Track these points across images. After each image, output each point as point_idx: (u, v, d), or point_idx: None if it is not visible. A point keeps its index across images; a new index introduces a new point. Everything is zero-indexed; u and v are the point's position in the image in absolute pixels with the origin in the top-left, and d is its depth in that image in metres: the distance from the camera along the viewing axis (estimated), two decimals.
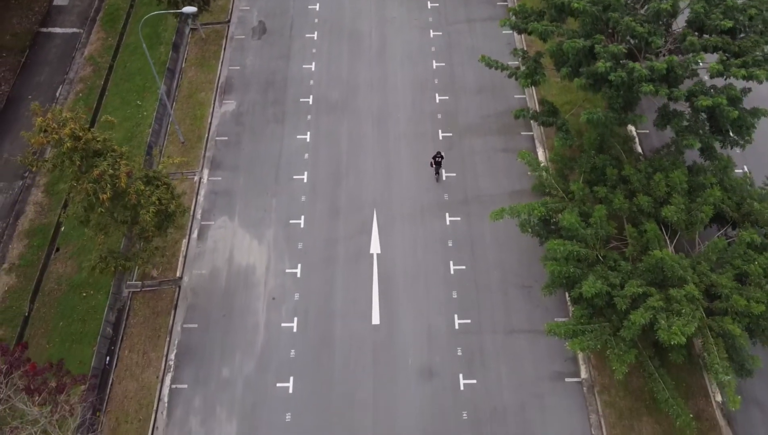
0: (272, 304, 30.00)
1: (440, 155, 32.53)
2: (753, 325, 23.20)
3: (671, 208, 24.69)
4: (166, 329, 29.35)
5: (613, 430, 26.37)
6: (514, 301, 29.89)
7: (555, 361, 28.21)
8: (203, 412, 27.22)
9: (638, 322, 22.53)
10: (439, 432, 26.48)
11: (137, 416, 27.09)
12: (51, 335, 29.65)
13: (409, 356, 28.38)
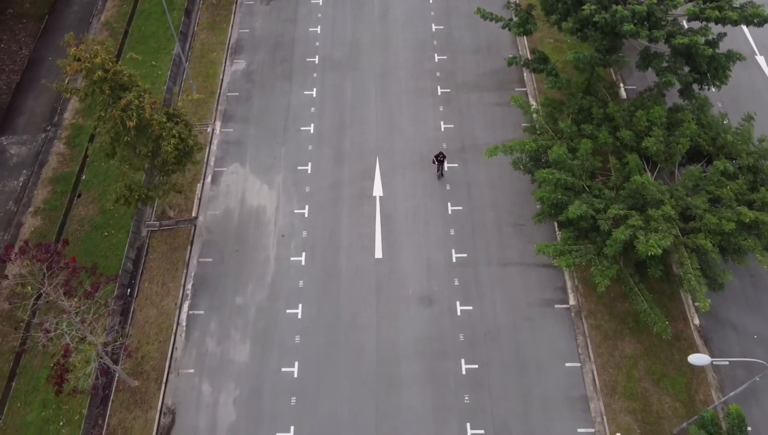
0: (282, 241, 32.13)
1: (442, 154, 32.94)
2: (724, 243, 25.32)
3: (651, 139, 26.80)
4: (183, 262, 31.48)
5: (598, 349, 28.47)
6: (507, 237, 31.99)
7: (545, 290, 30.32)
8: (218, 335, 29.36)
9: (619, 239, 24.66)
10: (437, 352, 28.59)
11: (158, 338, 29.24)
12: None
13: (409, 286, 30.50)
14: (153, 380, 28.10)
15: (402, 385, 27.74)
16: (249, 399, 27.56)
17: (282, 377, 28.06)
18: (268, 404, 27.40)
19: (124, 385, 28.09)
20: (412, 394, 27.48)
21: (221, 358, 28.71)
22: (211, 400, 27.64)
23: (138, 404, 27.56)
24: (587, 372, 27.96)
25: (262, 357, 28.65)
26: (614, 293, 29.83)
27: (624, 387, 27.46)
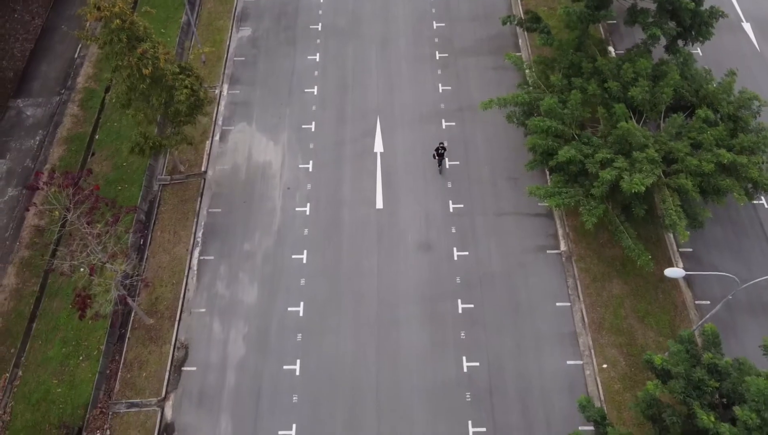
0: (287, 193, 33.74)
1: (443, 147, 32.92)
2: (704, 184, 26.93)
3: (637, 89, 28.40)
4: (194, 213, 33.10)
5: (587, 289, 30.12)
6: (501, 190, 33.61)
7: (538, 237, 31.94)
8: (228, 278, 30.99)
9: (606, 179, 26.28)
10: (435, 294, 30.24)
11: (171, 281, 30.87)
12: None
13: (409, 234, 32.12)
14: (167, 318, 29.75)
15: (402, 323, 29.38)
16: (257, 335, 29.22)
17: (288, 316, 29.71)
18: (275, 340, 29.06)
19: (139, 323, 29.74)
20: (412, 331, 29.13)
21: (231, 298, 30.36)
22: (221, 336, 29.30)
23: (153, 340, 29.21)
24: (576, 310, 29.61)
25: (269, 298, 30.29)
26: (603, 239, 31.47)
27: (611, 323, 29.11)
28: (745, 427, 17.76)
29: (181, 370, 28.45)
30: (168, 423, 27.16)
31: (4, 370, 29.18)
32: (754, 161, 26.91)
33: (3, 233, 33.44)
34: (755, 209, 32.65)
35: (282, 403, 27.38)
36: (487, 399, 27.36)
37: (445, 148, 32.97)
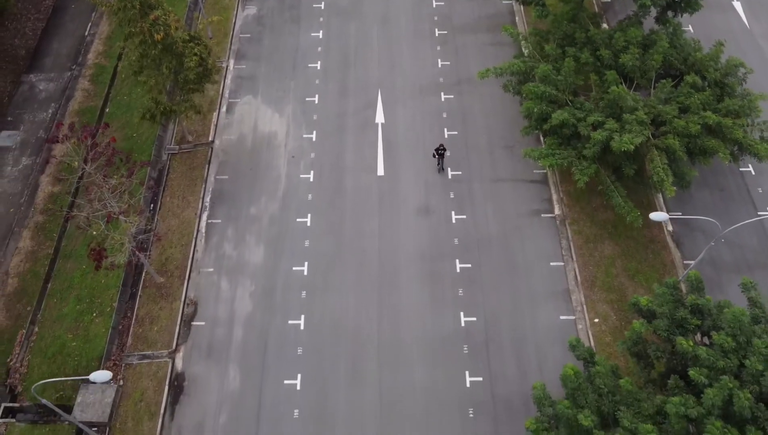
0: (292, 161, 35.01)
1: (443, 147, 33.00)
2: (691, 145, 28.19)
3: (627, 56, 29.66)
4: (202, 179, 34.37)
5: (580, 250, 31.36)
6: (498, 158, 34.86)
7: (533, 202, 33.20)
8: (235, 240, 32.26)
9: (597, 139, 27.53)
10: (434, 254, 31.49)
11: (180, 242, 32.13)
12: None
13: (409, 198, 33.37)
14: (176, 277, 31.02)
15: (402, 281, 30.64)
16: (263, 293, 30.48)
17: (293, 275, 30.97)
18: (280, 297, 30.32)
19: (150, 282, 31.00)
20: (411, 289, 30.39)
21: (238, 259, 31.62)
22: (229, 294, 30.56)
23: (163, 297, 30.48)
24: (570, 270, 30.86)
25: (275, 258, 31.55)
26: (595, 204, 32.72)
27: (602, 281, 30.35)
28: (722, 350, 18.99)
29: (190, 324, 29.71)
30: (179, 373, 28.42)
31: (21, 326, 30.43)
32: (739, 123, 28.15)
33: (18, 199, 34.72)
34: (742, 176, 33.88)
35: (287, 355, 28.63)
36: (484, 351, 28.61)
37: (445, 149, 32.98)
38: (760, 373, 18.11)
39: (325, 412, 27.18)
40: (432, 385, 27.73)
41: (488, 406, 27.23)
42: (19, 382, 29.11)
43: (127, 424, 27.22)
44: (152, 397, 27.78)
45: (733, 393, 17.74)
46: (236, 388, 27.91)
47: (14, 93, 39.43)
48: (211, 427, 26.98)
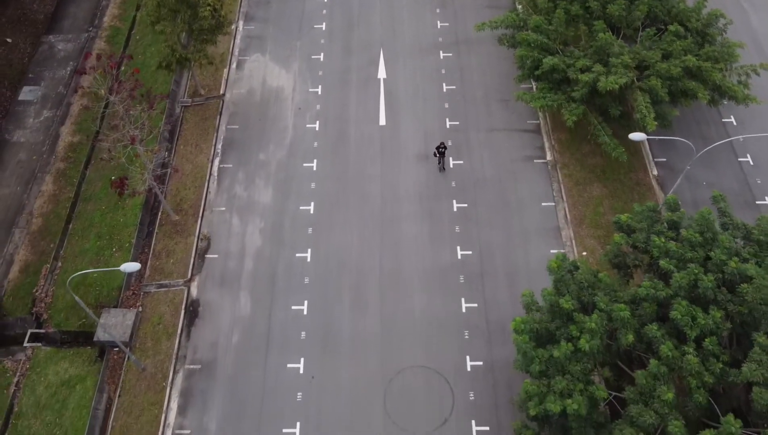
0: (298, 113, 37.02)
1: (444, 145, 33.19)
2: (673, 87, 30.12)
3: (614, 6, 31.61)
4: (214, 128, 36.40)
5: (570, 192, 33.32)
6: (494, 110, 36.84)
7: (526, 149, 35.17)
8: (245, 182, 34.29)
9: (585, 80, 29.50)
10: (432, 195, 33.47)
11: (193, 185, 34.16)
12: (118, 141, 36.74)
13: (409, 146, 35.36)
14: (191, 215, 33.05)
15: (402, 219, 32.64)
16: (272, 229, 32.51)
17: (300, 213, 32.99)
18: (288, 233, 32.34)
19: (166, 220, 33.03)
20: (411, 226, 32.39)
21: (248, 199, 33.65)
22: (240, 230, 32.59)
23: (179, 233, 32.51)
24: (560, 209, 32.82)
25: (283, 199, 33.58)
26: (585, 150, 34.68)
27: (590, 219, 32.31)
28: (690, 244, 20.93)
29: (204, 257, 31.74)
30: (194, 299, 30.45)
31: (45, 261, 32.45)
32: (717, 67, 30.09)
33: (40, 148, 36.76)
34: (725, 126, 35.82)
35: (295, 284, 30.64)
36: (479, 280, 30.60)
37: (446, 147, 33.11)
38: (723, 263, 20.02)
39: (330, 334, 29.19)
40: (430, 311, 29.71)
41: (482, 329, 29.21)
42: (44, 310, 31.12)
43: (147, 344, 29.26)
44: (169, 320, 29.82)
45: (698, 277, 19.65)
46: (247, 312, 29.94)
47: (34, 53, 41.46)
48: (225, 346, 29.01)
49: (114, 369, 29.10)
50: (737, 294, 19.53)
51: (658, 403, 17.84)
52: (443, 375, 28.03)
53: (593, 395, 18.75)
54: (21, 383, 29.30)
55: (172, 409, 27.48)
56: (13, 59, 41.08)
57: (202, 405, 27.56)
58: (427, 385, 27.83)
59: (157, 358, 28.83)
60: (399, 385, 27.80)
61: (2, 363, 29.88)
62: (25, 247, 33.00)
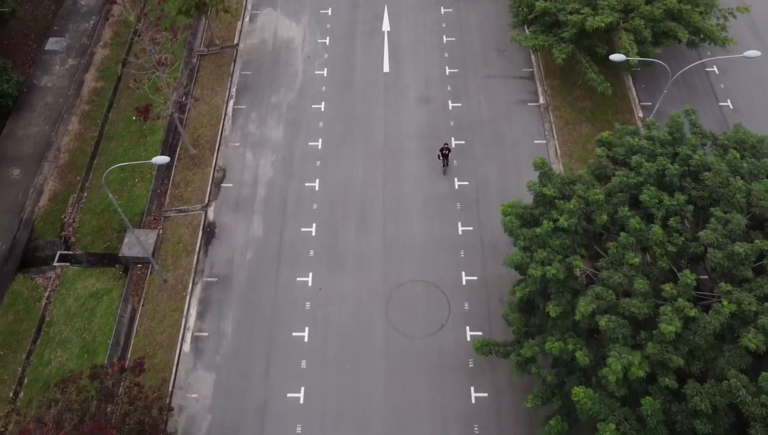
0: (308, 61, 39.50)
1: (447, 148, 33.42)
2: (656, 29, 32.46)
3: None
4: (228, 74, 38.89)
5: (560, 131, 35.71)
6: (490, 59, 39.23)
7: (520, 93, 37.56)
8: (258, 121, 36.78)
9: (573, 20, 31.89)
10: (432, 133, 35.87)
11: (210, 123, 36.67)
12: None
13: (411, 90, 37.79)
14: (207, 150, 35.55)
15: (404, 154, 35.07)
16: (283, 162, 34.99)
17: (309, 149, 35.46)
18: (298, 165, 34.81)
19: (185, 154, 35.54)
20: (412, 159, 34.82)
21: (260, 136, 36.14)
22: (253, 162, 35.07)
23: (197, 165, 35.02)
24: (551, 146, 35.21)
25: (293, 136, 36.06)
26: (576, 94, 37.05)
27: (579, 155, 34.68)
28: (660, 142, 23.31)
29: (220, 186, 34.24)
30: (210, 222, 32.95)
31: (72, 191, 35.00)
32: (697, 10, 32.44)
33: (66, 92, 39.28)
34: (707, 75, 38.13)
35: (304, 209, 33.11)
36: (474, 207, 33.01)
37: (449, 150, 33.39)
38: (689, 157, 22.34)
39: (337, 252, 31.65)
40: (429, 233, 32.15)
41: (477, 249, 31.64)
42: (72, 234, 33.67)
43: (167, 261, 31.77)
44: (188, 240, 32.33)
45: (665, 167, 21.97)
46: (260, 233, 32.42)
47: (59, 8, 43.99)
48: (239, 262, 31.51)
49: (137, 283, 31.61)
50: (699, 182, 21.87)
51: (627, 267, 20.19)
52: (440, 288, 30.46)
53: (570, 265, 21.09)
54: (52, 297, 31.85)
55: (192, 315, 29.99)
56: (38, 14, 43.64)
57: (218, 312, 30.06)
58: (426, 296, 30.26)
59: (177, 272, 31.34)
60: (400, 297, 30.25)
61: (34, 280, 32.43)
62: (53, 179, 35.55)
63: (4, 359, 29.69)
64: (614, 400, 18.86)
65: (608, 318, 18.96)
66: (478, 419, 27.01)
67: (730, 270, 19.33)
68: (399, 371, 28.23)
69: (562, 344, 19.78)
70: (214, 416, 27.33)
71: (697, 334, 18.35)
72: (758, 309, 18.13)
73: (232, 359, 28.72)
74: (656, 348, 18.35)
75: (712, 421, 17.95)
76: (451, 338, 29.07)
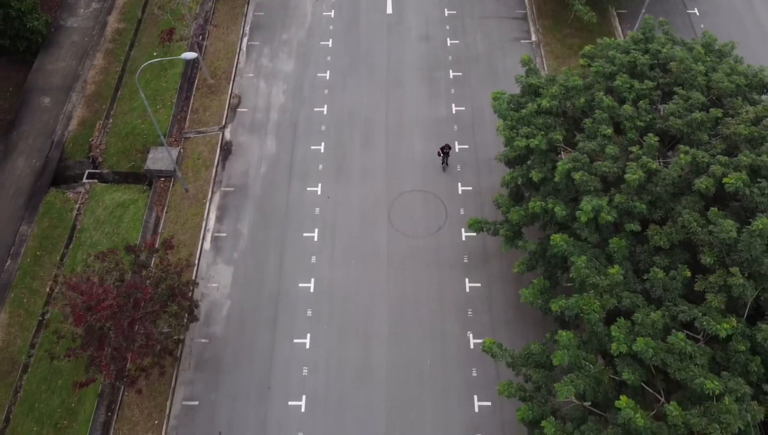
0: (316, 3, 42.38)
1: (448, 147, 33.64)
2: None
3: None
4: (242, 15, 41.77)
5: (550, 65, 38.52)
6: (486, 2, 42.12)
7: (514, 32, 40.39)
8: (270, 55, 39.67)
9: None
10: (432, 66, 38.73)
11: (226, 57, 39.51)
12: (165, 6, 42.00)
13: (412, 29, 40.67)
14: (224, 80, 38.43)
15: (405, 83, 37.96)
16: (294, 90, 37.88)
17: (317, 79, 38.35)
18: (307, 93, 37.69)
19: (202, 84, 38.42)
20: (413, 88, 37.71)
21: (273, 68, 39.02)
22: (266, 90, 37.96)
23: (214, 93, 37.90)
24: None
25: (303, 68, 38.95)
26: (565, 32, 39.87)
27: None
28: (633, 41, 26.12)
29: (236, 110, 37.14)
30: (227, 141, 35.84)
31: (98, 118, 37.88)
32: None
33: (91, 32, 42.17)
34: (689, 17, 40.96)
35: (313, 130, 35.98)
36: (470, 129, 35.88)
37: (450, 148, 33.79)
38: (658, 51, 25.12)
39: (343, 166, 34.54)
40: (428, 151, 34.97)
41: (472, 164, 34.50)
42: (99, 155, 36.54)
43: (188, 174, 34.67)
44: (207, 156, 35.24)
45: (637, 58, 24.76)
46: (273, 151, 35.33)
47: None
48: (254, 174, 34.41)
49: (161, 194, 34.49)
50: (667, 72, 24.67)
51: (600, 137, 22.96)
52: (438, 196, 33.35)
53: (551, 139, 23.86)
54: (82, 208, 34.74)
55: (211, 219, 32.90)
56: None
57: (236, 216, 32.97)
58: (425, 203, 33.15)
59: (197, 183, 34.24)
60: (401, 204, 33.13)
61: (65, 193, 35.30)
62: (81, 107, 38.44)
63: (40, 259, 32.56)
64: (586, 242, 21.66)
65: (582, 173, 21.77)
66: (472, 305, 29.88)
67: (689, 135, 22.13)
68: (400, 266, 31.11)
69: (543, 203, 22.61)
70: (232, 302, 30.23)
71: (658, 185, 21.17)
72: (710, 161, 20.93)
73: (249, 255, 31.62)
74: (622, 198, 21.17)
75: (669, 257, 20.73)
76: (448, 238, 31.93)
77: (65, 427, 27.47)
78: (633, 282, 20.56)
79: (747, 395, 17.35)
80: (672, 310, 19.40)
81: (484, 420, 26.94)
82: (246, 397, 27.65)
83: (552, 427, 18.35)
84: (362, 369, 28.29)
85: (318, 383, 27.98)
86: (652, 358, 17.91)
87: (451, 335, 29.13)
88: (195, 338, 29.20)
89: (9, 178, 35.46)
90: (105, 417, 27.73)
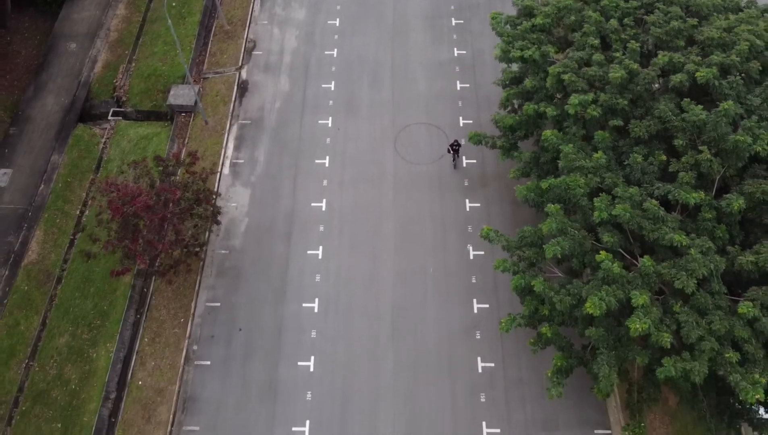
0: None
1: (457, 143, 33.86)
2: None
3: None
4: None
5: None
6: None
7: None
8: (283, 5, 42.15)
9: None
10: (435, 15, 41.13)
11: (241, 6, 41.94)
12: None
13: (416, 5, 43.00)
14: (239, 26, 40.89)
15: (410, 30, 40.44)
16: (305, 36, 40.32)
17: (328, 26, 40.82)
18: (318, 38, 40.18)
19: (219, 30, 40.86)
20: (418, 34, 40.14)
21: (286, 16, 41.47)
22: (279, 36, 40.41)
23: (230, 38, 40.35)
24: None
25: (314, 16, 41.40)
26: None
27: None
28: None
29: (251, 53, 39.60)
30: (243, 80, 38.31)
31: (122, 62, 40.36)
32: None
33: None
34: None
35: (324, 71, 38.44)
36: (471, 70, 38.32)
37: (459, 145, 33.92)
38: None
39: (352, 102, 37.01)
40: (431, 88, 37.46)
41: (472, 101, 36.91)
42: (123, 94, 39.04)
43: (207, 109, 37.14)
44: (225, 93, 37.69)
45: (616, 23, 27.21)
46: (286, 89, 37.79)
47: None
48: (269, 109, 36.88)
49: (182, 127, 36.98)
50: None
51: (588, 48, 25.33)
52: (441, 128, 35.78)
53: (544, 53, 26.20)
54: (108, 142, 37.24)
55: (230, 148, 35.40)
56: None
57: (252, 145, 35.45)
58: (428, 134, 35.60)
59: (216, 117, 36.71)
60: (406, 134, 35.58)
61: (92, 129, 37.81)
62: (105, 52, 40.93)
63: (71, 185, 35.08)
64: (573, 136, 24.02)
65: (571, 74, 24.16)
66: (472, 222, 32.33)
67: (667, 43, 24.48)
68: (405, 189, 33.56)
69: (536, 106, 24.99)
70: (250, 219, 32.73)
71: (639, 84, 23.53)
72: (685, 60, 23.26)
73: (265, 179, 34.11)
74: (607, 96, 23.53)
75: (648, 147, 23.06)
76: (449, 165, 34.35)
77: (98, 326, 30.00)
78: (615, 168, 22.92)
79: (711, 250, 19.70)
80: (648, 189, 21.76)
81: (483, 319, 29.38)
82: (264, 300, 30.14)
83: (541, 286, 20.75)
84: (370, 276, 30.75)
85: (330, 288, 30.46)
86: (629, 221, 20.27)
87: (453, 248, 31.57)
88: (216, 250, 31.69)
89: (40, 113, 37.94)
90: (134, 318, 30.27)
